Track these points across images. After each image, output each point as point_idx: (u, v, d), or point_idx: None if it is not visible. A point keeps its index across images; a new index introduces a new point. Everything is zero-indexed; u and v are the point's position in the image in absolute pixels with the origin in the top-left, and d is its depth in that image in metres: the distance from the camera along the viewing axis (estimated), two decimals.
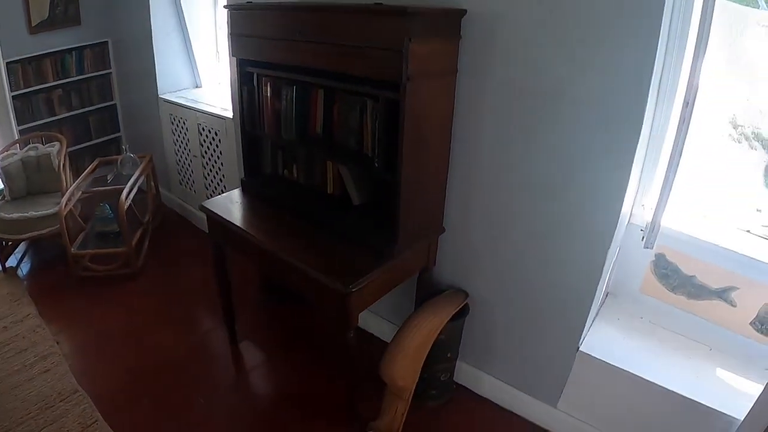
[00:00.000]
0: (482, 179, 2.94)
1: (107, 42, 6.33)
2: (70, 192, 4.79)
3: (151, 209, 5.35)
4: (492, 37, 2.64)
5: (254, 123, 3.41)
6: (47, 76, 6.07)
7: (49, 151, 5.23)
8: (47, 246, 5.25)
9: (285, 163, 3.50)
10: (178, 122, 5.31)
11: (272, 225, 3.21)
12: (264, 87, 3.23)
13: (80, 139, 6.45)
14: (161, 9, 5.33)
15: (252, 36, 3.15)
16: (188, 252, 5.14)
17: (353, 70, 2.62)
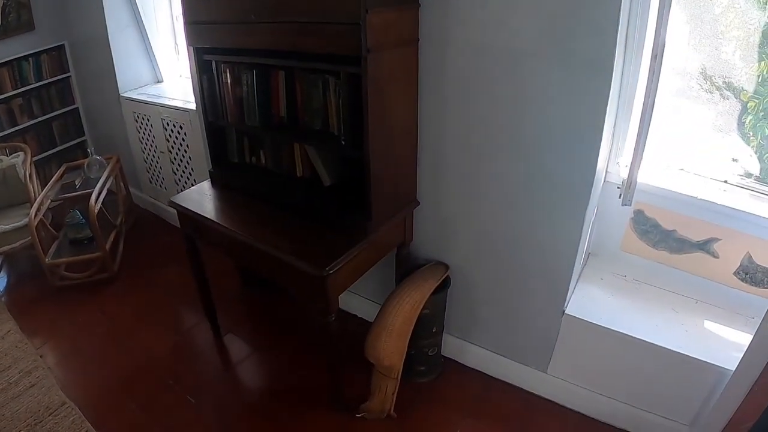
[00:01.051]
0: (452, 147, 2.90)
1: (64, 45, 6.18)
2: (39, 201, 4.69)
3: (122, 210, 5.26)
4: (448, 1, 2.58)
5: (217, 112, 3.34)
6: (5, 86, 5.91)
7: (13, 162, 5.11)
8: (21, 259, 5.15)
9: (252, 149, 3.44)
10: (142, 119, 5.22)
11: (243, 214, 3.16)
12: (223, 74, 3.15)
13: (45, 146, 6.31)
14: (115, 5, 5.19)
15: (207, 22, 3.06)
16: (164, 250, 5.08)
17: (312, 48, 2.55)
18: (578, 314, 2.89)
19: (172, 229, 5.37)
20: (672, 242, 2.92)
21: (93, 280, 4.64)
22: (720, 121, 2.73)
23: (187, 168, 4.88)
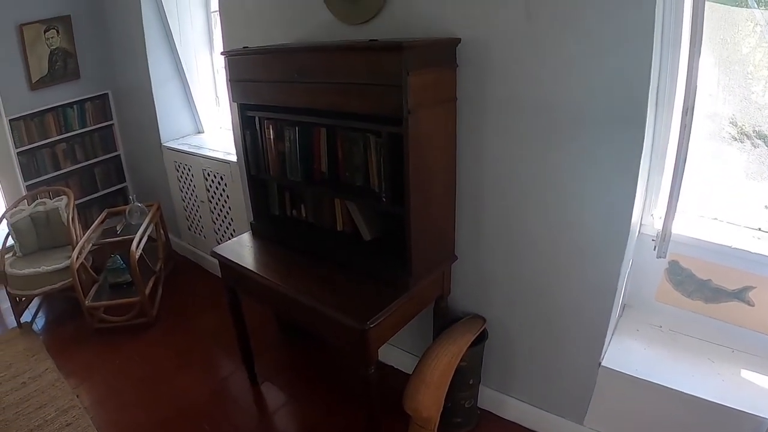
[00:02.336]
0: (490, 202, 2.96)
1: (107, 94, 6.41)
2: (81, 245, 4.83)
3: (162, 257, 5.36)
4: (487, 59, 2.67)
5: (259, 166, 3.45)
6: (50, 131, 6.16)
7: (57, 205, 5.29)
8: (61, 300, 5.26)
9: (293, 203, 3.53)
10: (183, 169, 5.36)
11: (285, 266, 3.23)
12: (266, 130, 3.27)
13: (87, 191, 6.50)
14: (159, 58, 5.41)
15: (251, 81, 3.19)
16: (202, 297, 5.14)
17: (353, 108, 2.65)
18: (614, 366, 2.89)
19: (209, 276, 5.47)
20: (707, 291, 2.93)
21: (131, 324, 4.72)
22: (752, 167, 2.75)
23: (227, 218, 4.96)
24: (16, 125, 5.90)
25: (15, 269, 4.89)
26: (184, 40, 5.40)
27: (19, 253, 5.23)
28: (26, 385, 4.18)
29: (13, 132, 5.89)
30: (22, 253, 5.22)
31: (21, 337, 4.89)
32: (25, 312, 5.19)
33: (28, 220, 5.25)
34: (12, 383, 4.24)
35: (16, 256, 5.22)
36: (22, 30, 5.82)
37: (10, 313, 5.16)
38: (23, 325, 5.06)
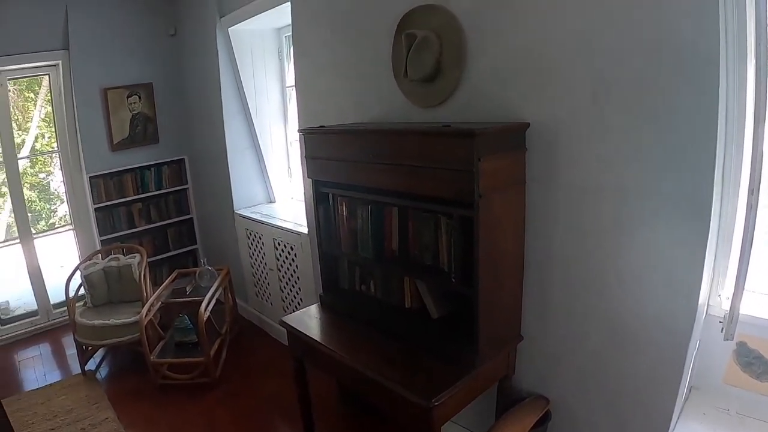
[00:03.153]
0: (556, 283, 2.97)
1: (184, 159, 6.75)
2: (151, 302, 5.02)
3: (228, 320, 5.45)
4: (555, 143, 2.73)
5: (331, 242, 3.56)
6: (128, 191, 6.53)
7: (130, 262, 5.52)
8: (126, 352, 5.41)
9: (362, 278, 3.59)
10: (254, 236, 5.50)
11: (352, 339, 3.28)
12: (339, 207, 3.39)
13: (159, 250, 6.78)
14: (235, 128, 5.67)
15: (326, 158, 3.34)
16: (265, 362, 5.19)
17: (425, 190, 2.75)
18: None
19: (273, 342, 5.54)
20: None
21: (194, 383, 4.81)
22: None
23: (295, 287, 5.04)
24: (95, 182, 6.30)
25: (84, 319, 5.12)
26: (259, 112, 5.64)
27: (90, 304, 5.47)
28: (86, 430, 4.33)
29: (92, 188, 6.28)
30: (92, 304, 5.47)
31: (84, 384, 5.09)
32: (90, 360, 5.38)
33: (101, 273, 5.51)
34: (71, 428, 4.40)
35: (87, 306, 5.46)
36: (107, 94, 6.27)
37: (75, 359, 5.39)
38: (87, 372, 5.27)
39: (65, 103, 6.33)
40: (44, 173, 8.50)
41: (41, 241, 6.80)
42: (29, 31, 5.92)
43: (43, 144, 8.41)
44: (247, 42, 5.52)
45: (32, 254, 6.58)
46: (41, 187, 7.56)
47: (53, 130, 7.63)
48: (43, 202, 7.05)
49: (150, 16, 6.49)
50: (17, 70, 6.23)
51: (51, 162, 8.71)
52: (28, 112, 7.23)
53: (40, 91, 8.11)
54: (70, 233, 6.94)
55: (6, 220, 9.07)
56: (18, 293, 7.20)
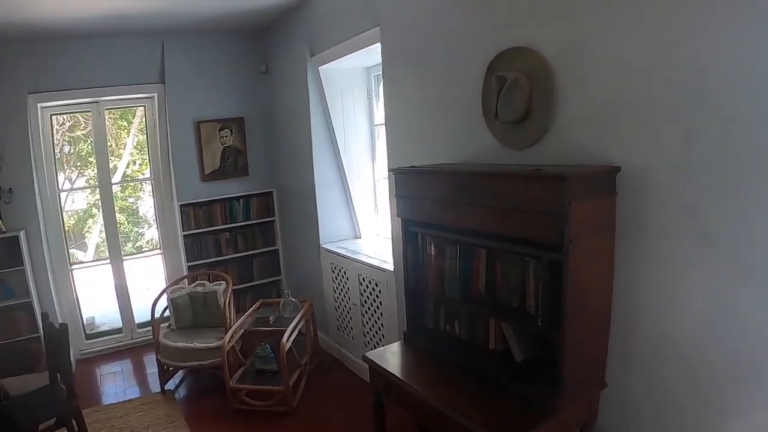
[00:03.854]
0: (645, 330, 2.89)
1: (272, 192, 6.97)
2: (234, 329, 5.17)
3: (309, 352, 5.53)
4: (645, 187, 2.68)
5: (418, 280, 3.58)
6: (216, 219, 6.79)
7: (215, 289, 5.73)
8: (206, 375, 5.58)
9: (447, 318, 3.58)
10: (339, 271, 5.57)
11: (434, 378, 3.28)
12: (428, 246, 3.41)
13: (243, 279, 6.96)
14: (324, 163, 5.82)
15: (416, 198, 3.38)
16: (343, 395, 5.21)
17: (515, 232, 2.75)
18: None
19: (352, 376, 5.56)
20: None
21: (271, 411, 4.88)
22: None
23: (377, 323, 5.06)
24: (185, 210, 6.60)
25: (168, 340, 5.35)
26: (348, 149, 5.76)
27: (174, 326, 5.71)
28: None
29: (182, 216, 6.57)
30: (177, 327, 5.71)
31: (163, 402, 5.29)
32: (170, 380, 5.59)
33: (186, 298, 5.76)
34: None
35: (171, 328, 5.71)
36: (200, 126, 6.57)
37: (155, 378, 5.63)
38: (166, 391, 5.49)
39: (159, 134, 6.71)
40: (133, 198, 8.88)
41: (130, 262, 7.17)
42: (128, 65, 6.36)
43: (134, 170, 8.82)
44: (337, 80, 5.67)
45: (121, 274, 6.94)
46: (130, 211, 7.90)
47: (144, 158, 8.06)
48: (131, 225, 7.37)
49: (242, 53, 6.82)
50: (116, 100, 6.69)
51: (141, 188, 9.10)
52: (121, 140, 7.59)
53: (133, 121, 8.56)
54: (159, 257, 7.28)
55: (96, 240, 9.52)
56: (104, 310, 7.67)
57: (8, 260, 5.90)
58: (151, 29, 6.17)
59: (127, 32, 6.16)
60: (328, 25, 5.27)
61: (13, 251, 5.91)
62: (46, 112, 6.44)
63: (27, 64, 6.01)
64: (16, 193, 6.01)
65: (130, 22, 5.75)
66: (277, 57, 6.60)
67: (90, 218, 9.72)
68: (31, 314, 6.05)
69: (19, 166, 6.02)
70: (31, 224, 6.13)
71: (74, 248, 7.88)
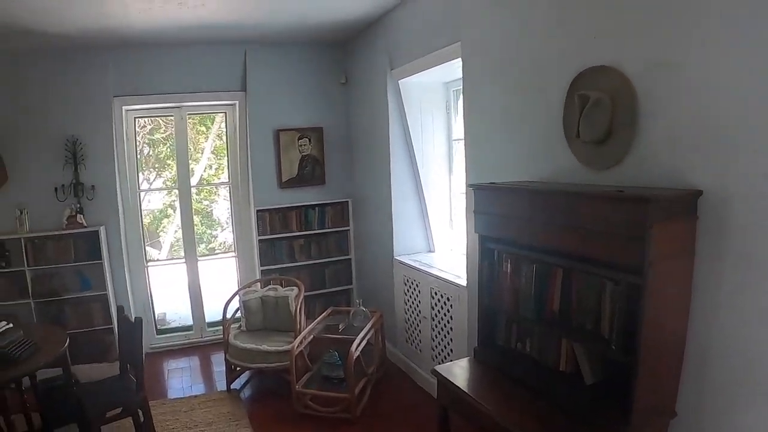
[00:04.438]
0: (720, 361, 2.82)
1: (348, 202, 7.06)
2: (303, 334, 5.26)
3: (375, 362, 5.56)
4: (729, 214, 2.60)
5: (492, 297, 3.58)
6: (291, 226, 6.94)
7: (287, 294, 5.83)
8: (272, 377, 5.67)
9: (519, 336, 3.56)
10: (411, 284, 5.57)
11: (502, 396, 3.26)
12: (504, 263, 3.41)
13: (315, 285, 7.05)
14: (401, 176, 5.85)
15: (494, 215, 3.38)
16: (406, 408, 5.19)
17: (593, 253, 2.73)
18: None
19: (417, 389, 5.54)
20: None
21: (334, 417, 4.92)
22: None
23: (446, 338, 5.02)
24: (261, 216, 6.76)
25: (238, 341, 5.49)
26: (425, 162, 5.76)
27: (245, 328, 5.88)
28: None
29: (258, 221, 6.72)
30: (247, 329, 5.87)
31: (228, 401, 5.43)
32: (236, 380, 5.73)
33: (258, 301, 5.91)
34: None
35: (241, 329, 5.86)
36: (279, 135, 6.74)
37: (222, 377, 5.79)
38: (232, 390, 5.63)
39: (239, 140, 6.91)
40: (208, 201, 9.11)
41: (203, 263, 7.42)
42: (211, 73, 6.63)
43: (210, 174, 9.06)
44: (417, 94, 5.71)
45: (195, 274, 7.19)
46: (204, 214, 8.10)
47: (220, 162, 8.32)
48: (204, 227, 7.59)
49: (323, 64, 6.96)
50: (198, 106, 7.02)
51: (216, 192, 9.34)
52: (199, 144, 7.80)
53: (212, 127, 8.81)
54: (233, 259, 7.47)
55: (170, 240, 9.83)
56: (175, 308, 7.95)
57: (88, 254, 6.27)
58: (234, 38, 6.41)
59: (211, 41, 6.42)
60: (409, 40, 5.33)
61: (93, 246, 6.26)
62: (130, 114, 6.79)
63: (114, 69, 6.38)
64: (98, 191, 6.38)
65: (214, 31, 5.99)
66: (357, 69, 6.71)
67: (165, 218, 10.10)
68: (106, 306, 6.38)
69: (103, 165, 6.40)
70: (111, 221, 6.47)
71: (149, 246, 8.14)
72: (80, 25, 5.31)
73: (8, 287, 6.12)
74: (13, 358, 3.93)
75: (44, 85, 6.22)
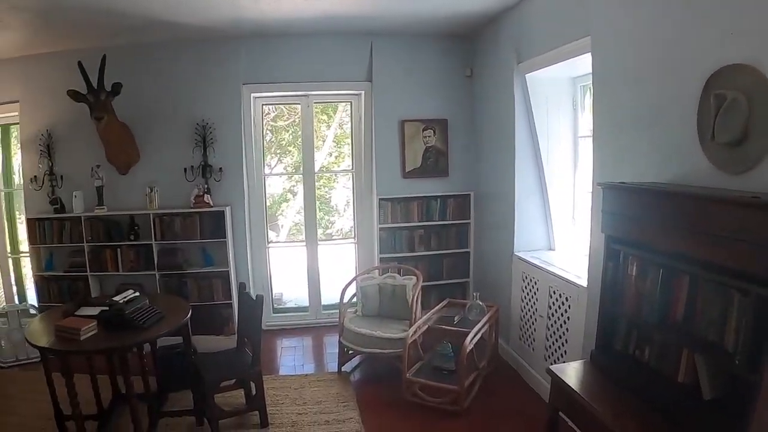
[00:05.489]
0: None
1: (470, 195, 7.04)
2: (419, 324, 5.32)
3: (487, 357, 5.55)
4: None
5: (615, 299, 3.48)
6: (412, 217, 7.01)
7: (405, 282, 5.90)
8: (382, 363, 5.78)
9: (638, 343, 3.44)
10: (529, 281, 5.49)
11: (615, 402, 3.17)
12: (629, 266, 3.31)
13: (432, 276, 7.08)
14: (525, 172, 5.77)
15: (623, 215, 3.30)
16: (513, 405, 5.12)
17: (722, 261, 2.59)
18: None
19: (525, 387, 5.49)
20: None
21: (441, 408, 4.94)
22: None
23: (561, 338, 4.92)
24: (383, 205, 6.88)
25: (353, 325, 5.63)
26: (550, 159, 5.66)
27: (360, 313, 6.01)
28: (329, 424, 4.77)
29: (380, 209, 6.84)
30: (362, 314, 6.00)
31: (337, 382, 5.62)
32: (348, 363, 5.89)
33: (375, 288, 6.04)
34: (317, 417, 4.89)
35: (357, 314, 5.99)
36: (404, 125, 6.82)
37: (333, 358, 6.04)
38: (342, 373, 5.80)
39: (364, 130, 7.04)
40: (326, 188, 9.33)
41: (322, 247, 7.64)
42: (337, 63, 6.82)
43: (330, 162, 9.27)
44: (543, 88, 5.60)
45: (314, 258, 7.42)
46: (323, 200, 8.28)
47: (340, 151, 8.49)
48: (322, 213, 7.78)
49: (448, 56, 6.98)
50: (324, 95, 7.26)
51: (334, 179, 9.54)
52: (320, 132, 7.96)
53: (333, 116, 8.99)
54: (350, 246, 7.67)
55: (289, 224, 10.13)
56: (292, 288, 8.27)
57: (212, 232, 6.64)
58: (361, 30, 6.56)
59: (338, 32, 6.61)
60: (537, 33, 5.25)
61: (218, 225, 6.62)
62: (258, 101, 7.11)
63: (244, 58, 6.73)
64: (225, 173, 6.78)
65: (341, 22, 6.16)
66: (483, 62, 6.68)
67: (284, 202, 10.43)
68: (227, 283, 6.74)
69: (231, 149, 6.80)
70: (236, 202, 6.86)
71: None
72: (213, 16, 5.64)
73: (136, 259, 6.64)
74: (139, 324, 4.22)
75: (177, 73, 6.70)
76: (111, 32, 5.96)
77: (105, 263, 6.62)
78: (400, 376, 5.09)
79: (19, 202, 7.52)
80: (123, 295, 4.49)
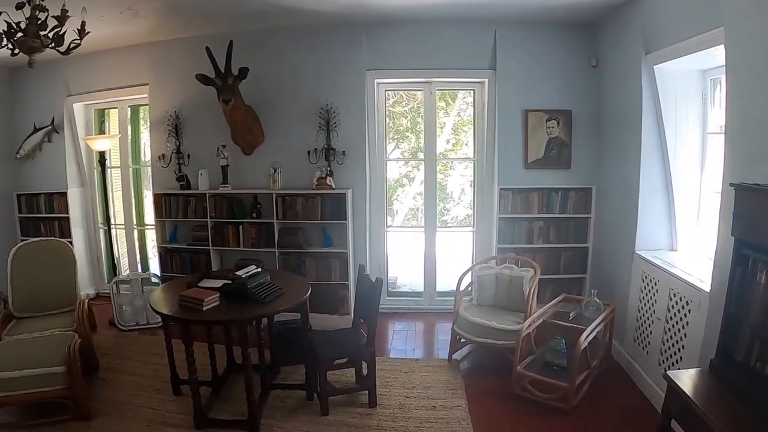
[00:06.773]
0: None
1: (592, 189, 6.89)
2: (534, 317, 5.31)
3: (600, 356, 5.45)
4: None
5: (740, 307, 3.35)
6: (532, 208, 6.96)
7: (522, 274, 5.89)
8: (493, 353, 5.76)
9: (760, 355, 3.27)
10: (649, 281, 5.31)
11: (732, 416, 3.06)
12: (759, 273, 3.17)
13: (548, 270, 6.97)
14: (650, 168, 5.58)
15: (757, 219, 3.16)
16: (621, 408, 4.98)
17: None
18: None
19: (635, 391, 5.32)
20: None
21: (549, 404, 4.89)
22: None
23: (678, 343, 4.73)
24: (504, 194, 6.87)
25: (468, 314, 5.68)
26: (677, 155, 5.45)
27: (475, 302, 6.06)
28: (436, 410, 4.83)
29: (500, 199, 6.82)
30: (477, 303, 6.03)
31: (447, 369, 5.69)
32: (458, 351, 5.93)
33: (492, 277, 6.06)
34: (425, 402, 4.97)
35: (472, 303, 6.03)
36: (527, 115, 6.76)
37: (443, 345, 6.11)
38: (452, 360, 5.85)
39: (486, 118, 7.04)
40: (443, 175, 9.35)
41: (439, 234, 7.68)
42: (460, 51, 6.84)
43: (446, 149, 9.29)
44: (672, 81, 5.37)
45: (432, 244, 7.49)
46: (439, 187, 8.30)
47: (458, 138, 8.52)
48: (438, 200, 7.82)
49: (573, 46, 6.83)
50: (447, 83, 7.25)
51: (451, 166, 9.54)
52: (438, 119, 7.97)
53: (453, 104, 8.99)
54: (467, 234, 7.71)
55: (405, 209, 10.23)
56: (406, 273, 8.36)
57: (333, 214, 6.85)
58: (485, 18, 6.54)
59: (461, 19, 6.62)
60: (667, 23, 5.04)
61: (339, 207, 6.82)
62: (381, 87, 7.20)
63: (368, 44, 6.87)
64: (348, 156, 6.96)
65: (465, 9, 6.17)
66: (609, 52, 6.49)
67: (400, 187, 10.52)
68: (344, 264, 6.94)
69: (354, 133, 6.98)
70: (358, 185, 7.05)
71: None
72: (337, 2, 5.78)
73: (257, 236, 6.98)
74: (260, 299, 4.44)
75: (302, 58, 6.94)
76: (235, 18, 6.26)
77: (227, 239, 7.04)
78: (509, 368, 5.10)
79: (145, 178, 8.04)
80: (245, 270, 4.69)
